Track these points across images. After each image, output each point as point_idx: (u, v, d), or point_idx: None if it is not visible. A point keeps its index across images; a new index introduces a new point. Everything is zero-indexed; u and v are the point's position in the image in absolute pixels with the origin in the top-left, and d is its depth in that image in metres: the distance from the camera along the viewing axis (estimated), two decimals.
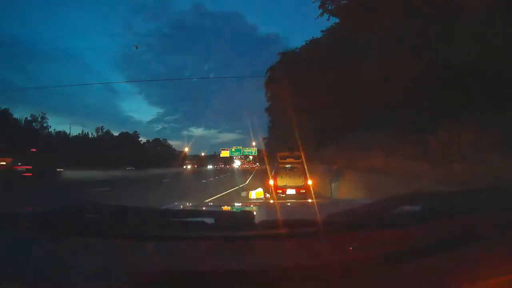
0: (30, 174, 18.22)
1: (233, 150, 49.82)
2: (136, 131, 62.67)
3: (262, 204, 2.46)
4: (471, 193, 1.23)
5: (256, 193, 3.88)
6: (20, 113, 50.21)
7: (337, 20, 12.57)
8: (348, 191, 9.13)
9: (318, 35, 16.89)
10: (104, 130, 53.45)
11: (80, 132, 50.72)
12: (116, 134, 55.99)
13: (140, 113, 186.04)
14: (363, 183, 8.54)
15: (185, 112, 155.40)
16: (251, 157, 58.34)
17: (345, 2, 10.92)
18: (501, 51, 5.40)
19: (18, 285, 0.73)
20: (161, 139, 74.88)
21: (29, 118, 40.03)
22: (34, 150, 22.78)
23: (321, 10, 11.34)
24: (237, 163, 64.05)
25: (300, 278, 0.72)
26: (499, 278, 0.72)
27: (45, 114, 41.97)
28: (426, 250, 0.83)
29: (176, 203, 2.07)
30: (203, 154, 66.84)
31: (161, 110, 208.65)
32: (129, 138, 55.69)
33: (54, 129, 44.36)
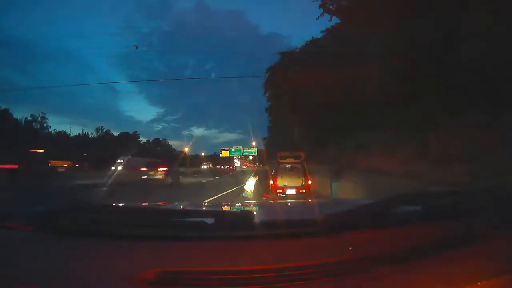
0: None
1: (233, 150, 49.80)
2: (136, 131, 62.83)
3: (262, 204, 2.46)
4: (472, 193, 1.23)
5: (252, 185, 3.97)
6: (20, 113, 50.27)
7: (337, 20, 12.56)
8: (348, 191, 9.11)
9: (319, 35, 16.92)
10: (104, 130, 53.63)
11: (80, 132, 50.89)
12: (116, 134, 56.25)
13: (141, 112, 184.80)
14: (363, 183, 8.52)
15: (186, 111, 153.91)
16: (251, 157, 58.22)
17: (345, 2, 10.91)
18: (502, 50, 5.39)
19: (18, 285, 0.73)
20: (161, 139, 74.93)
21: (29, 118, 40.01)
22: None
23: (321, 10, 11.33)
24: (237, 163, 63.84)
25: (300, 278, 0.72)
26: (499, 277, 0.72)
27: (45, 114, 41.97)
28: (426, 250, 0.83)
29: (176, 203, 2.07)
30: (203, 154, 66.80)
31: (161, 110, 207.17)
32: (129, 138, 55.65)
33: (54, 129, 44.40)
